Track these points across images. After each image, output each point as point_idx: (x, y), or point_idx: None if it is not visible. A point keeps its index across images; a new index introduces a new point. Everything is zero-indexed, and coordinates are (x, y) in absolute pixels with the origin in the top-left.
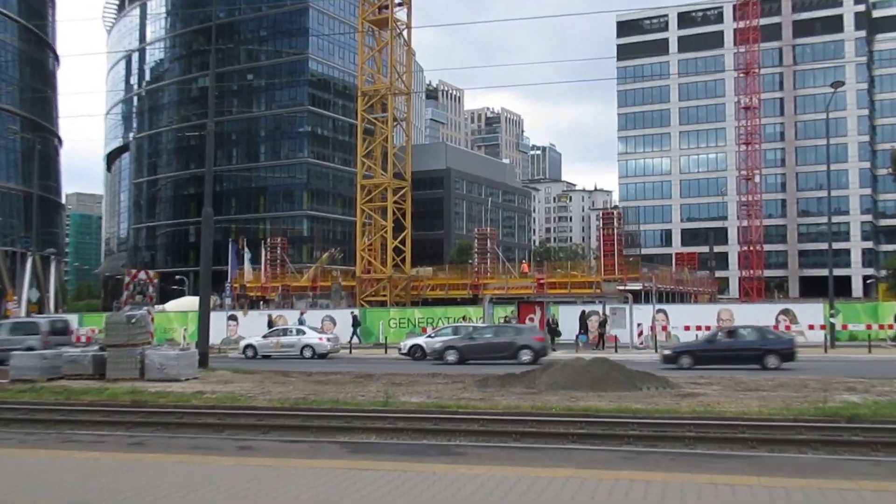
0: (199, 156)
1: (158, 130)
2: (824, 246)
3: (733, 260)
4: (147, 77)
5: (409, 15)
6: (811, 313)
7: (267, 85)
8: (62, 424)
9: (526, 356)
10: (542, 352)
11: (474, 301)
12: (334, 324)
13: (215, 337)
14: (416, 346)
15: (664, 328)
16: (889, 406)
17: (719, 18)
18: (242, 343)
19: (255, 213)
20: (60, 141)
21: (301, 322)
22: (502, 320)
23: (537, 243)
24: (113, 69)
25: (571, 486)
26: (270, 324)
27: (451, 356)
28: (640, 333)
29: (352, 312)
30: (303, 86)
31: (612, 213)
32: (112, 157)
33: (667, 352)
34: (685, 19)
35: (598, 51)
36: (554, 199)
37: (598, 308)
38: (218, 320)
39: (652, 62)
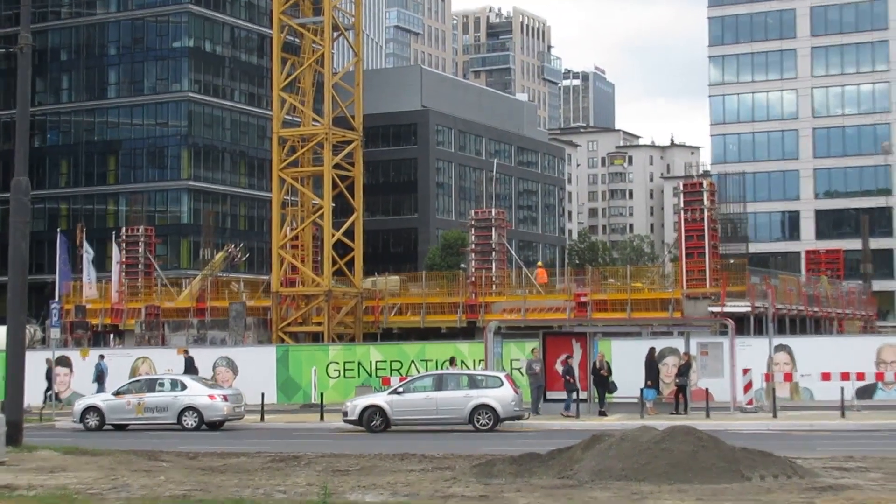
0: (7, 89)
1: None
2: None
3: None
4: None
5: None
6: None
7: None
8: None
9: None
10: None
11: (470, 332)
12: (234, 371)
13: (34, 394)
14: (374, 410)
15: (787, 377)
16: None
17: None
18: (80, 404)
19: (101, 185)
20: None
21: (100, 371)
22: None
23: (575, 235)
24: None
25: None
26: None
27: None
28: (749, 386)
29: (185, 352)
30: None
31: (701, 185)
32: None
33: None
34: None
35: None
36: (603, 160)
37: (678, 344)
38: (39, 366)
39: None
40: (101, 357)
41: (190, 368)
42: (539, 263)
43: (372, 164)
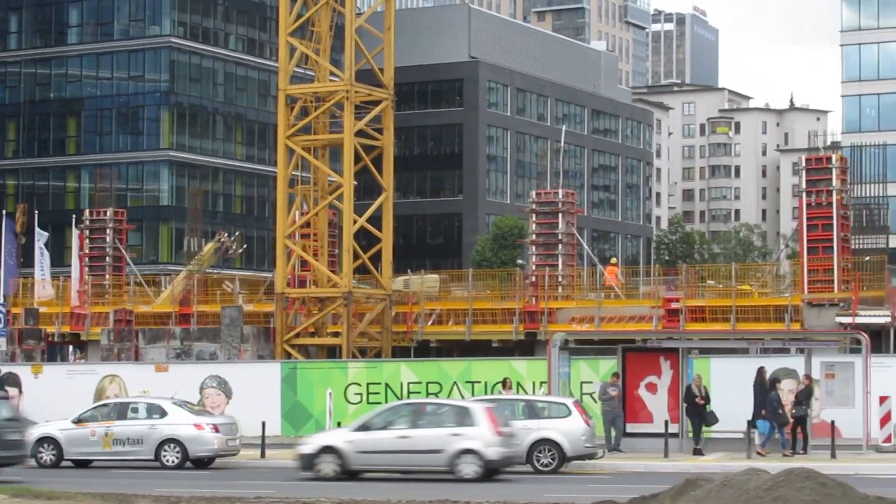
0: None
1: None
2: None
3: None
4: None
5: None
6: None
7: None
8: None
9: None
10: None
11: (529, 347)
12: (227, 395)
13: None
14: None
15: None
16: None
17: None
18: (33, 434)
19: (58, 155)
20: None
21: None
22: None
23: (665, 223)
24: None
25: None
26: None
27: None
28: (887, 418)
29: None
30: None
31: (829, 160)
32: None
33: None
34: None
35: None
36: (702, 127)
37: (796, 364)
38: None
39: None
40: None
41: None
42: (612, 260)
43: (405, 130)
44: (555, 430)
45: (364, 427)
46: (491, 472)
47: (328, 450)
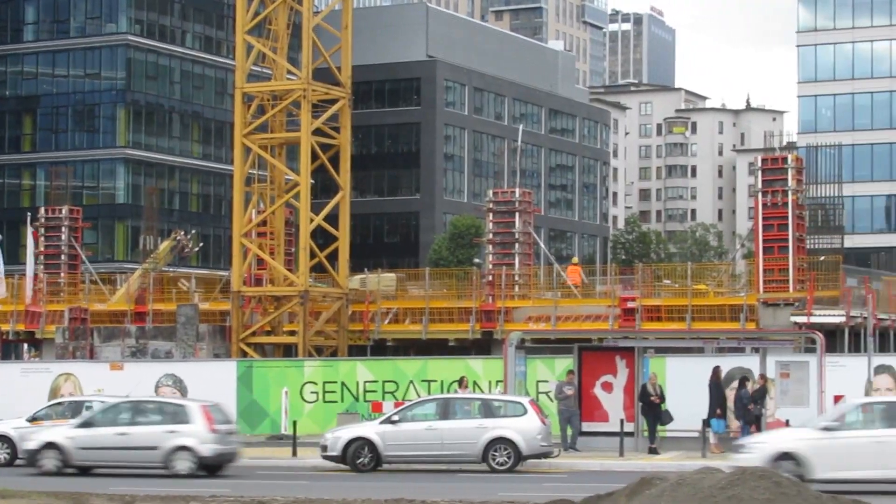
0: None
1: None
2: None
3: None
4: None
5: None
6: None
7: None
8: None
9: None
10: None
11: (486, 346)
12: (183, 393)
13: None
14: (362, 443)
15: None
16: None
17: None
18: None
19: (13, 153)
20: None
21: None
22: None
23: (621, 223)
24: None
25: None
26: None
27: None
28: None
29: None
30: None
31: (785, 160)
32: None
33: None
34: None
35: None
36: (659, 127)
37: (751, 363)
38: None
39: None
40: None
41: None
42: (574, 259)
43: (363, 129)
44: (511, 429)
45: (87, 424)
46: (207, 468)
47: (50, 446)
